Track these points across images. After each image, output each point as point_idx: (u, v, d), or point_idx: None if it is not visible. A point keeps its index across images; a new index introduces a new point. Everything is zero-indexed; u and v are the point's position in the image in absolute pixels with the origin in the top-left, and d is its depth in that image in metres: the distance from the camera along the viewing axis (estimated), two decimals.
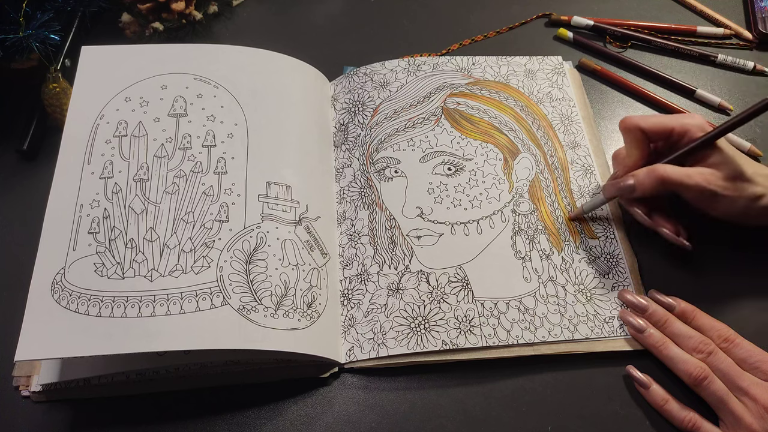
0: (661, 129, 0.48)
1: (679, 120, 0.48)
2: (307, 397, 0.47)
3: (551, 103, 0.60)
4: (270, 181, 0.50)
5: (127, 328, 0.42)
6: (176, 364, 0.45)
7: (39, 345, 0.41)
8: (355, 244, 0.52)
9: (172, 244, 0.46)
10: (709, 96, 0.62)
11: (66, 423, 0.45)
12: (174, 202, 0.48)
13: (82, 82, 0.52)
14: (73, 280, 0.43)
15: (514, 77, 0.61)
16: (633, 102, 0.63)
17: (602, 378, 0.47)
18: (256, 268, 0.46)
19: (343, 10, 0.70)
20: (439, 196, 0.54)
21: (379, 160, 0.56)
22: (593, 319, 0.49)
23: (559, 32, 0.67)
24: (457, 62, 0.62)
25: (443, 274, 0.50)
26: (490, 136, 0.57)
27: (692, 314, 0.48)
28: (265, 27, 0.69)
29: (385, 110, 0.58)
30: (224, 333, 0.43)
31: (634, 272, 0.51)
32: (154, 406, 0.46)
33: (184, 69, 0.54)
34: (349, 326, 0.48)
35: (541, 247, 0.52)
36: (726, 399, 0.43)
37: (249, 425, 0.45)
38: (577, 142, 0.58)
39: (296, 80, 0.57)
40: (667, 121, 0.49)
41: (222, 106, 0.52)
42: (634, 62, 0.65)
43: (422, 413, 0.46)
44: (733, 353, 0.45)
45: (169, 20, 0.66)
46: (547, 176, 0.56)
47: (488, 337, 0.47)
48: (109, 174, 0.48)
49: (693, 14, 0.70)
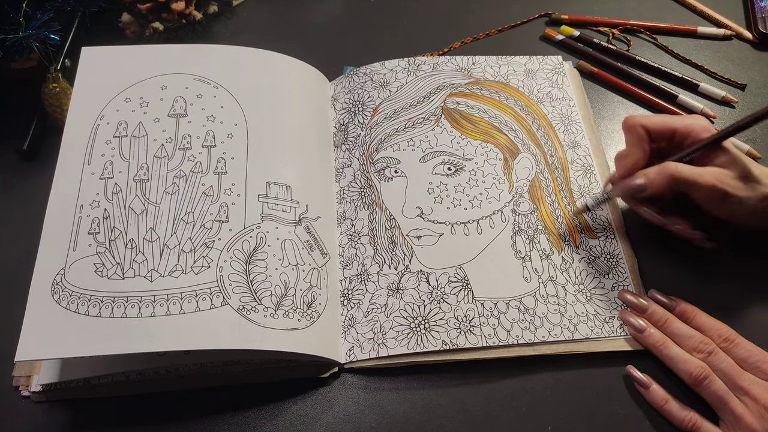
0: (664, 129, 0.48)
1: (683, 121, 0.48)
2: (307, 397, 0.47)
3: (551, 102, 0.60)
4: (270, 181, 0.50)
5: (127, 329, 0.42)
6: (176, 364, 0.45)
7: (39, 345, 0.41)
8: (355, 244, 0.52)
9: (172, 244, 0.46)
10: (713, 90, 0.62)
11: (66, 423, 0.45)
12: (174, 202, 0.48)
13: (82, 83, 0.52)
14: (73, 281, 0.43)
15: (514, 77, 0.61)
16: (633, 103, 0.63)
17: (602, 378, 0.47)
18: (256, 268, 0.46)
19: (343, 10, 0.70)
20: (439, 196, 0.54)
21: (379, 160, 0.56)
22: (593, 319, 0.49)
23: (562, 29, 0.67)
24: (457, 62, 0.62)
25: (443, 274, 0.50)
26: (490, 135, 0.57)
27: (692, 314, 0.48)
28: (265, 27, 0.69)
29: (385, 110, 0.58)
30: (224, 333, 0.43)
31: (634, 272, 0.51)
32: (154, 406, 0.46)
33: (184, 69, 0.54)
34: (349, 326, 0.48)
35: (541, 247, 0.52)
36: (726, 399, 0.43)
37: (249, 425, 0.45)
38: (577, 142, 0.58)
39: (296, 80, 0.57)
40: (671, 122, 0.48)
41: (222, 107, 0.52)
42: (625, 69, 0.65)
43: (422, 413, 0.46)
44: (734, 353, 0.45)
45: (169, 20, 0.66)
46: (547, 176, 0.56)
47: (488, 337, 0.47)
48: (109, 174, 0.48)
49: (693, 14, 0.70)
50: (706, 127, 0.47)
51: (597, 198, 0.52)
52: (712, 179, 0.45)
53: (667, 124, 0.48)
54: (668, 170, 0.46)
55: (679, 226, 0.49)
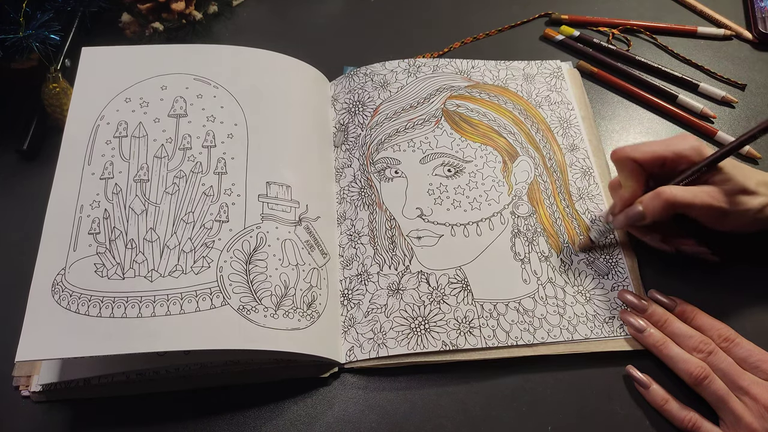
0: (653, 158, 0.47)
1: (671, 147, 0.47)
2: (307, 397, 0.47)
3: (550, 106, 0.60)
4: (270, 181, 0.50)
5: (127, 329, 0.42)
6: (176, 364, 0.45)
7: (39, 345, 0.41)
8: (355, 244, 0.52)
9: (172, 244, 0.46)
10: (713, 90, 0.62)
11: (66, 423, 0.45)
12: (174, 202, 0.48)
13: (82, 83, 0.52)
14: (73, 281, 0.43)
15: (512, 81, 0.61)
16: (633, 103, 0.63)
17: (602, 378, 0.47)
18: (256, 268, 0.46)
19: (343, 10, 0.70)
20: (439, 197, 0.54)
21: (380, 161, 0.56)
22: (593, 320, 0.49)
23: (562, 29, 0.67)
24: (457, 65, 0.62)
25: (443, 275, 0.50)
26: (489, 138, 0.57)
27: (692, 314, 0.48)
28: (265, 27, 0.69)
29: (385, 111, 0.58)
30: (224, 333, 0.43)
31: (634, 272, 0.51)
32: (154, 406, 0.46)
33: (184, 69, 0.54)
34: (349, 326, 0.49)
35: (540, 249, 0.52)
36: (726, 398, 0.43)
37: (249, 425, 0.45)
38: (576, 145, 0.58)
39: (296, 80, 0.57)
40: (659, 150, 0.47)
41: (222, 107, 0.53)
42: (625, 69, 0.65)
43: (422, 413, 0.46)
44: (734, 353, 0.45)
45: (169, 20, 0.66)
46: (546, 179, 0.56)
47: (488, 338, 0.47)
48: (110, 174, 0.48)
49: (693, 14, 0.70)
50: (696, 148, 0.47)
51: (601, 230, 0.52)
52: (708, 199, 0.45)
53: (655, 154, 0.47)
54: (664, 196, 0.46)
55: (686, 246, 0.50)
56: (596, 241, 0.52)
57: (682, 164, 0.47)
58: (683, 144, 0.47)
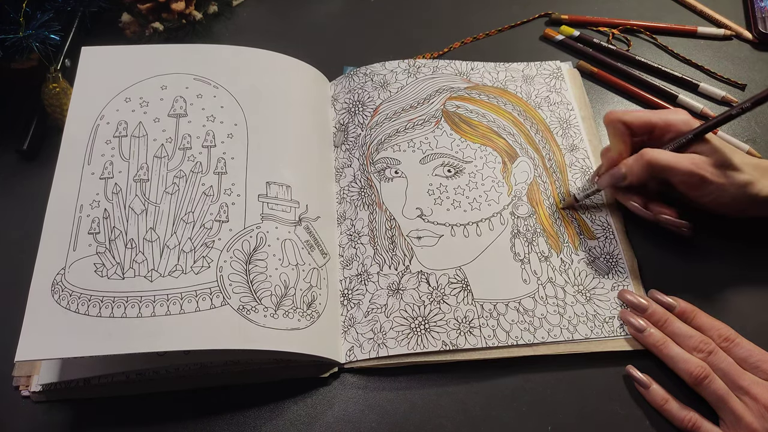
0: (643, 123, 0.49)
1: (662, 116, 0.49)
2: (307, 397, 0.47)
3: (549, 107, 0.60)
4: (270, 181, 0.50)
5: (127, 329, 0.42)
6: (176, 364, 0.45)
7: (39, 345, 0.41)
8: (355, 244, 0.52)
9: (172, 244, 0.46)
10: (713, 90, 0.62)
11: (66, 423, 0.45)
12: (174, 202, 0.48)
13: (82, 83, 0.52)
14: (73, 281, 0.43)
15: (512, 83, 0.61)
16: (633, 103, 0.63)
17: (602, 378, 0.47)
18: (256, 268, 0.46)
19: (343, 10, 0.70)
20: (439, 197, 0.54)
21: (380, 161, 0.56)
22: (593, 320, 0.49)
23: (562, 29, 0.67)
24: (456, 66, 0.62)
25: (443, 275, 0.50)
26: (489, 139, 0.57)
27: (692, 314, 0.48)
28: (265, 27, 0.69)
29: (385, 111, 0.58)
30: (224, 333, 0.43)
31: (634, 272, 0.51)
32: (154, 406, 0.46)
33: (184, 69, 0.54)
34: (349, 326, 0.49)
35: (540, 249, 0.52)
36: (726, 398, 0.43)
37: (249, 425, 0.45)
38: (576, 145, 0.58)
39: (296, 80, 0.57)
40: (650, 116, 0.49)
41: (222, 107, 0.53)
42: (625, 69, 0.65)
43: (422, 413, 0.46)
44: (734, 352, 0.45)
45: (169, 20, 0.66)
46: (545, 180, 0.56)
47: (488, 338, 0.47)
48: (109, 174, 0.48)
49: (693, 14, 0.70)
50: (685, 121, 0.49)
51: (585, 189, 0.53)
52: (690, 164, 0.47)
53: (645, 119, 0.49)
54: (646, 157, 0.47)
55: (666, 216, 0.50)
56: (580, 200, 0.53)
57: (671, 133, 0.49)
58: (674, 115, 0.49)
